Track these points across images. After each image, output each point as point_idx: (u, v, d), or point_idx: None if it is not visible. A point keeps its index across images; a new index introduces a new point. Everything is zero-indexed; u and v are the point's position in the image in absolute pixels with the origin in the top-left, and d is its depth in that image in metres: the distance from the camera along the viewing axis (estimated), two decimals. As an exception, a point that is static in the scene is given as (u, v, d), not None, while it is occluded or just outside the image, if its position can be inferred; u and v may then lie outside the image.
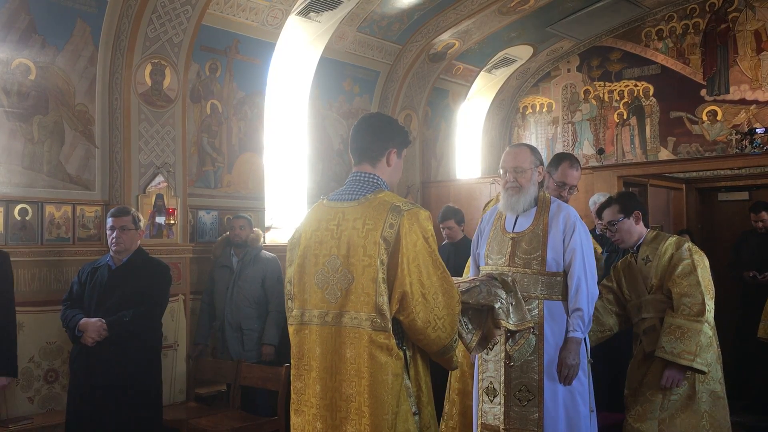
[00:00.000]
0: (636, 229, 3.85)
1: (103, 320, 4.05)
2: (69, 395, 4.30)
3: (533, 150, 3.53)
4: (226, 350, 5.43)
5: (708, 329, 3.52)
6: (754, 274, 6.42)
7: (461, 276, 3.77)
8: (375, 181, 2.58)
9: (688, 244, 3.71)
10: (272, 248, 5.96)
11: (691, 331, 3.48)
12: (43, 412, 5.01)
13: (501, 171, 3.54)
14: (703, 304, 3.52)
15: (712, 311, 3.57)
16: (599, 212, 4.10)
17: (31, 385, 5.02)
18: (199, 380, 5.54)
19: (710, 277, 3.65)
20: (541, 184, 3.57)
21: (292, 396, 2.60)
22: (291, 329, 2.61)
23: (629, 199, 3.97)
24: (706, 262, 3.69)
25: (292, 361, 2.62)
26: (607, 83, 9.59)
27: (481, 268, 3.61)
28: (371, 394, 2.37)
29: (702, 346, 3.48)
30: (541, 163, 3.55)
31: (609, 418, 4.13)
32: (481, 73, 9.51)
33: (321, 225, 2.56)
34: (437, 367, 2.63)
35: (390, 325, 2.38)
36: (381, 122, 2.67)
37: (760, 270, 6.38)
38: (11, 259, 4.34)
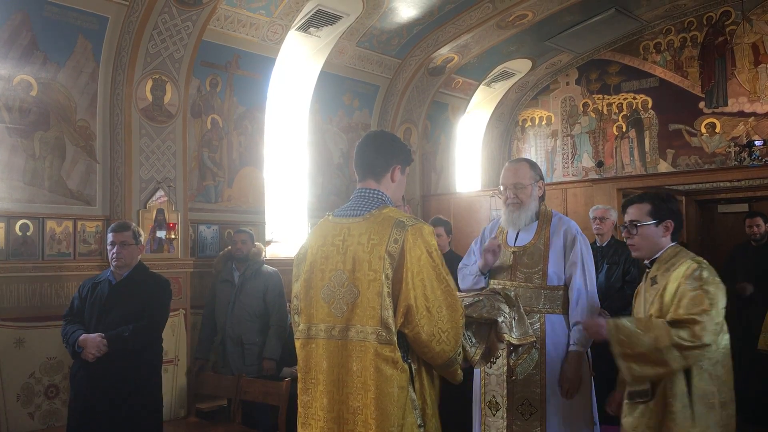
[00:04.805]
0: (660, 240, 3.00)
1: (103, 335, 4.05)
2: (69, 411, 4.27)
3: (532, 165, 3.56)
4: (227, 365, 5.41)
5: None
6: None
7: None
8: (380, 197, 2.62)
9: (701, 272, 2.81)
10: (273, 262, 5.96)
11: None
12: (44, 428, 4.99)
13: (501, 187, 3.57)
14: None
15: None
16: (625, 206, 3.22)
17: (31, 401, 5.00)
18: (199, 395, 5.51)
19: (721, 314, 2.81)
20: (541, 198, 3.59)
21: (299, 410, 2.61)
22: (298, 343, 2.64)
23: (666, 201, 3.07)
24: (722, 300, 2.80)
25: (298, 374, 2.65)
26: (605, 96, 9.63)
27: (482, 281, 3.62)
28: (377, 407, 2.39)
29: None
30: (541, 178, 3.58)
31: (611, 432, 4.11)
32: (481, 86, 9.56)
33: (327, 240, 2.59)
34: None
35: (395, 339, 2.41)
36: (385, 139, 2.72)
37: (756, 284, 6.33)
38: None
